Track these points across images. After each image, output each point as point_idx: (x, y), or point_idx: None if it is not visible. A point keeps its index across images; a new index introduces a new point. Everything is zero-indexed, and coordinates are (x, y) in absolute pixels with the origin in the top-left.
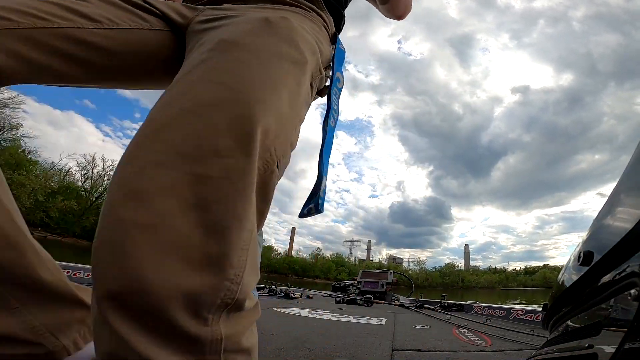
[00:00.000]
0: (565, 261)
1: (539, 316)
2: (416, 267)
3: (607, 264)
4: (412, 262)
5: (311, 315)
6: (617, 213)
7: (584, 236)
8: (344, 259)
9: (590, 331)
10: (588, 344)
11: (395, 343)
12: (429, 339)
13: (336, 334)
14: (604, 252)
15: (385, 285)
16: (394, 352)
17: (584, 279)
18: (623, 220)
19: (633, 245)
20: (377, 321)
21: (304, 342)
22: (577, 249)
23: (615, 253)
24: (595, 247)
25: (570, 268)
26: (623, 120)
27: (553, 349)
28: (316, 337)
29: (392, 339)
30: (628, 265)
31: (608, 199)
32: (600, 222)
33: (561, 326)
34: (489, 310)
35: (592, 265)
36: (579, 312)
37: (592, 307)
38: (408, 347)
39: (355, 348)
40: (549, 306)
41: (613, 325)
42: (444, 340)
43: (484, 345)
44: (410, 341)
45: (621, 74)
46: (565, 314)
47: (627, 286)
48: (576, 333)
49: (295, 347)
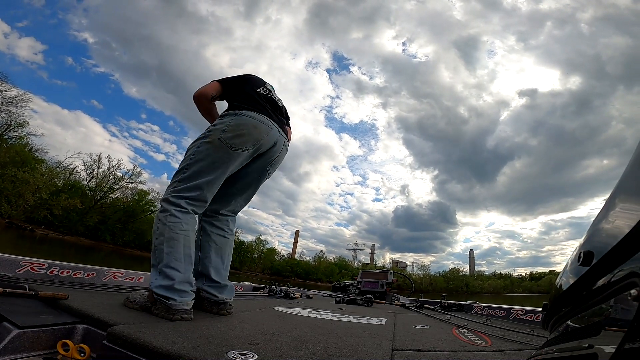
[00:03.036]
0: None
1: (539, 316)
2: (420, 272)
3: (607, 264)
4: (416, 266)
5: (311, 315)
6: (617, 213)
7: (584, 236)
8: (347, 263)
9: (590, 331)
10: (588, 344)
11: (395, 343)
12: (429, 339)
13: (336, 333)
14: (603, 253)
15: (385, 286)
16: (394, 352)
17: (583, 279)
18: (623, 221)
19: (633, 245)
20: (377, 321)
21: (304, 341)
22: (577, 249)
23: (615, 253)
24: (595, 248)
25: (570, 268)
26: (632, 124)
27: (553, 349)
28: (316, 337)
29: (392, 339)
30: (628, 266)
31: (608, 200)
32: (600, 223)
33: (561, 326)
34: (489, 310)
35: (592, 265)
36: (579, 312)
37: (592, 307)
38: (408, 347)
39: (355, 348)
40: (549, 306)
41: (613, 325)
42: (444, 340)
43: (484, 345)
44: (410, 341)
45: (630, 76)
46: (565, 314)
47: (627, 286)
48: (576, 333)
49: (295, 347)
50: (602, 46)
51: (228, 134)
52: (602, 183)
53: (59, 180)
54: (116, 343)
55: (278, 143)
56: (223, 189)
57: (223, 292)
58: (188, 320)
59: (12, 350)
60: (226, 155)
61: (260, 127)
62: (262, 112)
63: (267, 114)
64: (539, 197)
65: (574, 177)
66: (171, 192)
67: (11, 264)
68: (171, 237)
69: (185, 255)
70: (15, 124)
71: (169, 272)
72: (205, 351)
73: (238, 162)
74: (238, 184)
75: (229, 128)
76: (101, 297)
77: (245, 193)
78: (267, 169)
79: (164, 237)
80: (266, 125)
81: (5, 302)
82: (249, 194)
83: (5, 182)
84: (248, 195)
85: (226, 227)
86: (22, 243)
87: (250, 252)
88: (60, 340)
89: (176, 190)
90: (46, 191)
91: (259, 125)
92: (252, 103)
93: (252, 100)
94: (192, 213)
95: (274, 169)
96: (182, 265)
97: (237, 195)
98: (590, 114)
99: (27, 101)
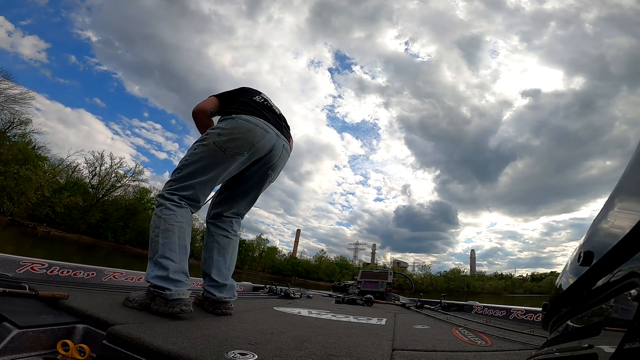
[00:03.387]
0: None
1: (539, 316)
2: (421, 272)
3: (607, 264)
4: (417, 266)
5: (311, 315)
6: (616, 213)
7: (584, 236)
8: (348, 262)
9: (590, 331)
10: (588, 344)
11: (395, 343)
12: (429, 339)
13: (336, 333)
14: (603, 253)
15: (385, 286)
16: (394, 352)
17: (583, 279)
18: (623, 221)
19: (633, 245)
20: (377, 321)
21: (304, 341)
22: (576, 249)
23: (615, 253)
24: (595, 248)
25: (570, 268)
26: (635, 125)
27: (553, 349)
28: (316, 337)
29: (392, 339)
30: (628, 266)
31: (608, 199)
32: (600, 223)
33: (561, 326)
34: (489, 310)
35: (592, 265)
36: (579, 312)
37: (592, 307)
38: (408, 347)
39: (355, 348)
40: (549, 306)
41: (613, 325)
42: (444, 340)
43: (484, 345)
44: (410, 341)
45: (634, 77)
46: (565, 314)
47: (627, 286)
48: (576, 333)
49: (295, 347)
50: (606, 46)
51: (223, 137)
52: (604, 184)
53: (61, 177)
54: (116, 343)
55: (276, 147)
56: (226, 193)
57: (223, 291)
58: (187, 312)
59: (12, 350)
60: (220, 159)
61: (255, 130)
62: (257, 116)
63: (264, 117)
64: (541, 198)
65: (576, 178)
66: (166, 190)
67: (11, 264)
68: (166, 229)
69: (180, 246)
70: (18, 121)
71: (163, 262)
72: (205, 351)
73: (233, 165)
74: (239, 188)
75: (224, 132)
76: (101, 297)
77: (247, 197)
78: (268, 173)
79: (159, 230)
80: (262, 129)
81: (5, 302)
82: (251, 197)
83: (8, 179)
84: (251, 199)
85: (230, 227)
86: (24, 240)
87: (251, 251)
88: (60, 340)
89: (171, 188)
90: (48, 189)
91: (254, 129)
92: (248, 108)
93: (248, 105)
94: (186, 207)
95: (275, 174)
96: (176, 256)
97: (239, 199)
98: (593, 114)
99: (30, 99)
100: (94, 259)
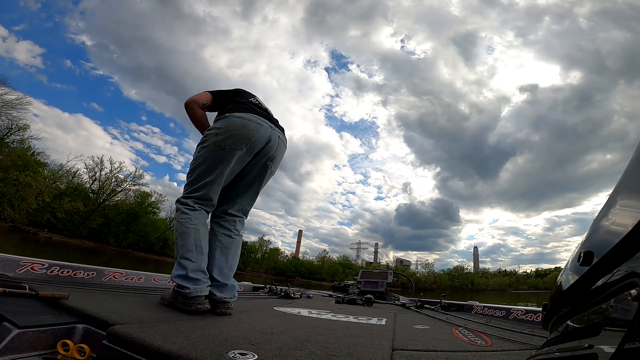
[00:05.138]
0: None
1: (539, 316)
2: (424, 270)
3: (607, 264)
4: (420, 264)
5: (311, 315)
6: (617, 213)
7: (584, 236)
8: (350, 262)
9: (590, 331)
10: (588, 344)
11: (395, 343)
12: (429, 339)
13: (336, 333)
14: (604, 252)
15: (385, 286)
16: (394, 352)
17: (584, 279)
18: (623, 220)
19: (633, 245)
20: (377, 321)
21: (304, 341)
22: (577, 249)
23: (615, 253)
24: (595, 247)
25: (570, 268)
26: (634, 118)
27: (553, 349)
28: (316, 337)
29: (392, 339)
30: (628, 265)
31: (608, 199)
32: (600, 222)
33: (561, 326)
34: (489, 310)
35: (592, 265)
36: (579, 312)
37: (592, 307)
38: (408, 347)
39: (355, 348)
40: (549, 306)
41: (613, 325)
42: (444, 340)
43: (484, 345)
44: (410, 341)
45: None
46: (565, 314)
47: (627, 286)
48: (576, 333)
49: (295, 347)
50: (601, 40)
51: (220, 136)
52: (605, 178)
53: (61, 183)
54: (116, 343)
55: (272, 138)
56: (229, 189)
57: (223, 291)
58: (203, 310)
59: (12, 350)
60: (222, 157)
61: (249, 125)
62: (249, 112)
63: (256, 112)
64: (542, 193)
65: (577, 172)
66: (182, 195)
67: (11, 264)
68: (183, 232)
69: (197, 246)
70: (17, 127)
71: (183, 262)
72: (205, 351)
73: (234, 161)
74: (241, 182)
75: (221, 131)
76: (101, 297)
77: (249, 191)
78: (268, 164)
79: (178, 233)
80: (255, 123)
81: (5, 302)
82: (253, 191)
83: (8, 185)
84: (253, 193)
85: (233, 227)
86: (25, 246)
87: (253, 253)
88: (60, 340)
89: (186, 193)
90: (49, 194)
91: (248, 124)
92: (241, 107)
93: (240, 104)
94: (200, 210)
95: (274, 165)
96: (194, 255)
97: (242, 194)
98: (591, 108)
99: (27, 104)
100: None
